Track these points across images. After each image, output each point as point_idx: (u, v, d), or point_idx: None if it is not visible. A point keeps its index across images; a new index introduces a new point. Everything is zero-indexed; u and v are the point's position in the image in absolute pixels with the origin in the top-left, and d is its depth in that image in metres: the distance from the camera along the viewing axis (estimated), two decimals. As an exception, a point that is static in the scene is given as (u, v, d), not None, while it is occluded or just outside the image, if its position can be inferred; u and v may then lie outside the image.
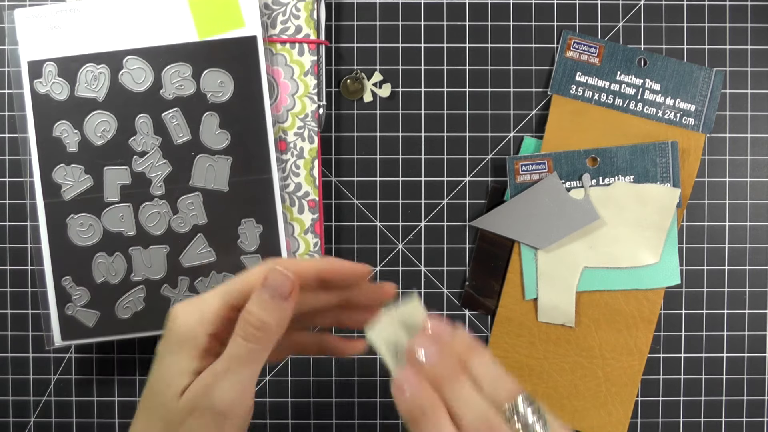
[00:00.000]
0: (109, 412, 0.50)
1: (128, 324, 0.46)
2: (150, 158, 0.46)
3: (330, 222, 0.49)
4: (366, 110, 0.50)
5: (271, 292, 0.31)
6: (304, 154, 0.47)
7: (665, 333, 0.50)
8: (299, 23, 0.47)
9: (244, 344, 0.31)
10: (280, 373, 0.50)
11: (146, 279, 0.46)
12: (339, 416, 0.50)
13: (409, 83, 0.50)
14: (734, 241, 0.50)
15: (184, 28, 0.45)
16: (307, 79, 0.47)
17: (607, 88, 0.49)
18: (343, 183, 0.50)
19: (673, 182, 0.48)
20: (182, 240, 0.46)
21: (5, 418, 0.50)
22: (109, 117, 0.45)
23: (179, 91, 0.46)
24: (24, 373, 0.50)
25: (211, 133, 0.46)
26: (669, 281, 0.48)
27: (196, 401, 0.31)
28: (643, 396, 0.50)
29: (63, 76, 0.45)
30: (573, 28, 0.49)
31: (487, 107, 0.50)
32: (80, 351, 0.50)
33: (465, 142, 0.50)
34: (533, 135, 0.49)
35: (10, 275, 0.50)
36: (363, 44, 0.49)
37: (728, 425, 0.50)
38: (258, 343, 0.31)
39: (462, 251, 0.50)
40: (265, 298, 0.31)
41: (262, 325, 0.31)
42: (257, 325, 0.31)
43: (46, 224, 0.45)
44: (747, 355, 0.50)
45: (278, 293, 0.31)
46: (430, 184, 0.50)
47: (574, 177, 0.48)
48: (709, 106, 0.48)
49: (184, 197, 0.46)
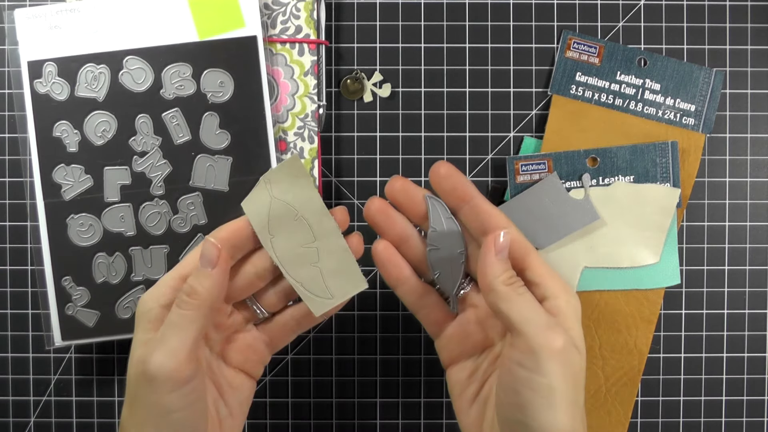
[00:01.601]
0: (109, 412, 0.50)
1: (128, 324, 0.46)
2: (150, 158, 0.46)
3: (330, 222, 0.49)
4: (366, 110, 0.50)
5: (202, 261, 0.34)
6: (304, 154, 0.47)
7: (665, 333, 0.50)
8: (299, 23, 0.47)
9: (177, 311, 0.33)
10: (280, 373, 0.50)
11: (146, 279, 0.46)
12: (338, 416, 0.50)
13: (409, 83, 0.50)
14: (734, 241, 0.50)
15: (184, 28, 0.45)
16: (307, 79, 0.47)
17: (607, 88, 0.49)
18: (343, 183, 0.50)
19: (673, 182, 0.48)
20: (182, 240, 0.46)
21: (5, 418, 0.50)
22: (109, 117, 0.45)
23: (179, 91, 0.46)
24: (24, 373, 0.50)
25: (211, 133, 0.46)
26: (669, 281, 0.48)
27: (138, 368, 0.33)
28: (643, 396, 0.50)
29: (63, 76, 0.45)
30: (573, 28, 0.49)
31: (487, 107, 0.50)
32: (80, 351, 0.50)
33: (465, 142, 0.50)
34: (533, 135, 0.49)
35: (10, 275, 0.50)
36: (363, 44, 0.50)
37: (728, 425, 0.50)
38: (189, 309, 0.33)
39: (462, 251, 0.50)
40: (198, 268, 0.34)
41: (192, 291, 0.34)
42: (188, 291, 0.34)
43: (46, 224, 0.45)
44: (747, 355, 0.50)
45: (206, 261, 0.34)
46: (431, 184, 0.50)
47: (574, 177, 0.48)
48: (709, 106, 0.48)
49: (184, 197, 0.46)
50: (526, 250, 0.35)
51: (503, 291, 0.33)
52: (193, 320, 0.33)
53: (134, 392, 0.33)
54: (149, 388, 0.32)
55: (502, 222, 0.35)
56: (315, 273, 0.36)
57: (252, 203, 0.36)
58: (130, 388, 0.33)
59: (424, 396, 0.50)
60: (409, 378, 0.50)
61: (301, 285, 0.36)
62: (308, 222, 0.35)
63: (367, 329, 0.50)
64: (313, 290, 0.36)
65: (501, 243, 0.34)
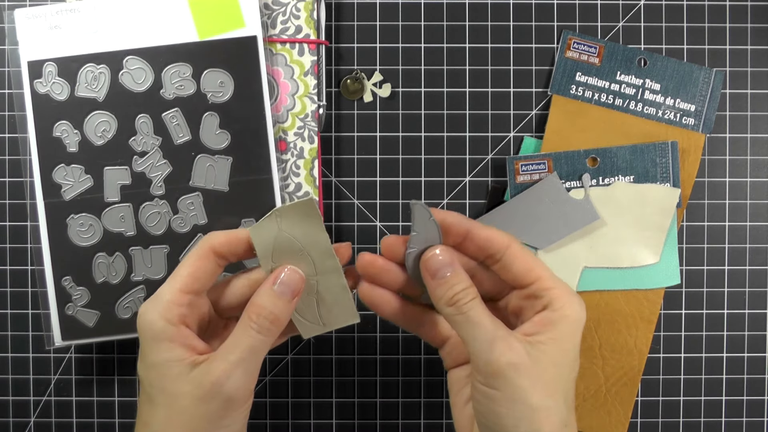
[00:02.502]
0: (109, 412, 0.50)
1: (128, 324, 0.46)
2: (150, 158, 0.46)
3: (330, 222, 0.49)
4: (366, 110, 0.50)
5: (283, 288, 0.35)
6: (304, 154, 0.47)
7: (665, 333, 0.50)
8: (299, 23, 0.47)
9: (259, 337, 0.34)
10: (280, 373, 0.50)
11: (146, 279, 0.46)
12: (339, 416, 0.50)
13: (409, 83, 0.50)
14: (734, 241, 0.50)
15: (184, 28, 0.45)
16: (307, 79, 0.47)
17: (607, 88, 0.49)
18: (343, 183, 0.50)
19: (673, 182, 0.48)
20: (182, 240, 0.46)
21: (5, 418, 0.50)
22: (109, 117, 0.45)
23: (179, 91, 0.46)
24: (24, 373, 0.50)
25: (211, 133, 0.46)
26: (669, 281, 0.48)
27: (207, 388, 0.33)
28: (643, 396, 0.50)
29: (63, 76, 0.45)
30: (573, 28, 0.49)
31: (487, 107, 0.50)
32: (80, 351, 0.50)
33: (465, 142, 0.50)
34: (533, 135, 0.49)
35: (10, 275, 0.50)
36: (363, 44, 0.50)
37: (728, 425, 0.50)
38: (270, 336, 0.34)
39: (462, 251, 0.50)
40: (278, 293, 0.35)
41: (275, 319, 0.34)
42: (271, 318, 0.34)
43: (46, 224, 0.45)
44: (747, 355, 0.50)
45: (289, 290, 0.35)
46: (430, 184, 0.50)
47: (574, 177, 0.48)
48: (709, 106, 0.48)
49: (184, 197, 0.46)
50: (530, 264, 0.34)
51: (448, 312, 0.34)
52: (269, 344, 0.35)
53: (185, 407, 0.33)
54: (223, 408, 0.33)
55: (503, 239, 0.35)
56: (310, 301, 0.37)
57: (259, 231, 0.36)
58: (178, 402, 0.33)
59: (424, 396, 0.50)
60: (409, 378, 0.50)
61: (294, 310, 0.36)
62: (312, 258, 0.36)
63: (368, 329, 0.50)
64: (305, 316, 0.37)
65: (433, 265, 0.34)
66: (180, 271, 0.35)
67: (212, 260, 0.36)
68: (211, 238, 0.36)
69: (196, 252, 0.35)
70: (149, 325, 0.34)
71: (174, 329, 0.34)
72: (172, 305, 0.34)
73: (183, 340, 0.34)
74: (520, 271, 0.34)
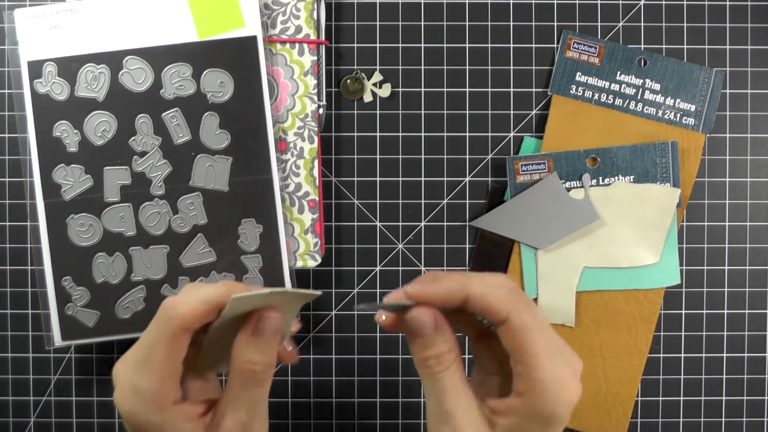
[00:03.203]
0: (109, 412, 0.50)
1: (128, 324, 0.46)
2: (150, 158, 0.46)
3: (330, 222, 0.50)
4: (366, 110, 0.50)
5: (266, 336, 0.34)
6: (304, 154, 0.47)
7: (665, 333, 0.50)
8: (299, 23, 0.47)
9: (261, 390, 0.34)
10: (280, 373, 0.50)
11: (146, 279, 0.46)
12: (339, 416, 0.50)
13: (409, 83, 0.50)
14: (734, 241, 0.50)
15: (184, 28, 0.45)
16: (307, 79, 0.47)
17: (607, 88, 0.49)
18: (343, 183, 0.50)
19: (673, 182, 0.48)
20: (182, 240, 0.46)
21: (5, 418, 0.50)
22: (109, 117, 0.45)
23: (179, 91, 0.46)
24: (24, 373, 0.50)
25: (211, 133, 0.46)
26: (669, 281, 0.48)
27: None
28: (643, 396, 0.50)
29: (63, 76, 0.45)
30: (573, 28, 0.49)
31: (487, 107, 0.50)
32: (80, 351, 0.50)
33: (465, 142, 0.50)
34: (533, 135, 0.49)
35: (10, 275, 0.50)
36: (363, 44, 0.50)
37: (728, 425, 0.50)
38: (269, 380, 0.35)
39: (462, 251, 0.50)
40: (262, 343, 0.34)
41: (269, 368, 0.34)
42: (265, 369, 0.34)
43: (46, 224, 0.45)
44: (747, 355, 0.50)
45: (271, 335, 0.34)
46: (430, 184, 0.50)
47: (574, 177, 0.48)
48: (709, 106, 0.48)
49: (184, 197, 0.46)
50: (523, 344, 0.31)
51: (422, 374, 0.35)
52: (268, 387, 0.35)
53: None
54: None
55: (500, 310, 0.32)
56: None
57: (243, 302, 0.33)
58: None
59: (424, 396, 0.50)
60: (409, 378, 0.50)
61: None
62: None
63: (367, 329, 0.50)
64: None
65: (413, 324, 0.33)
66: (152, 357, 0.33)
67: (186, 338, 0.33)
68: (180, 317, 0.32)
69: (166, 335, 0.32)
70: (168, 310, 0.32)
71: (169, 415, 0.33)
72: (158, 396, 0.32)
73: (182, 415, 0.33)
74: (510, 347, 0.32)
